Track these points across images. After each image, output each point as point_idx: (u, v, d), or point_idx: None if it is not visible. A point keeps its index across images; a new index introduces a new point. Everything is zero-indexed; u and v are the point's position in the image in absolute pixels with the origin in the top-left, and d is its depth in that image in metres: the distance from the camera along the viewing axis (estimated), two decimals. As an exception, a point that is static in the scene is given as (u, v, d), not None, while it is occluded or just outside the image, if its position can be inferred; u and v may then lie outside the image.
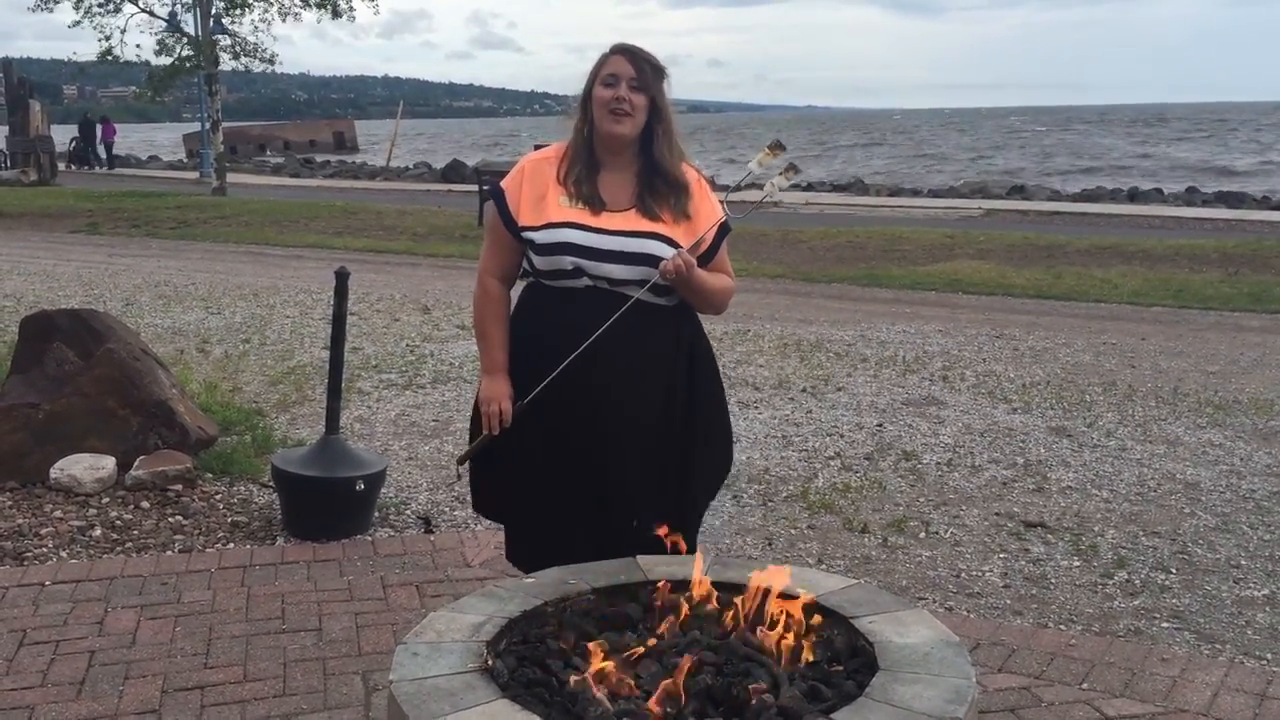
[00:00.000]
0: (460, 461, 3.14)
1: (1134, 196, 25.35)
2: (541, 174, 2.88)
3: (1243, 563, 4.40)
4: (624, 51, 2.83)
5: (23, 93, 30.85)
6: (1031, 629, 3.75)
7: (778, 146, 2.86)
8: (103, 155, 39.78)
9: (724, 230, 2.92)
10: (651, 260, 2.76)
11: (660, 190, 2.84)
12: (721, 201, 2.94)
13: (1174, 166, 41.58)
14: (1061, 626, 3.81)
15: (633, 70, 2.80)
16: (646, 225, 2.80)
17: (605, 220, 2.79)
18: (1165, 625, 3.84)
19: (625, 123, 2.80)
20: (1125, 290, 11.48)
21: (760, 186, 2.88)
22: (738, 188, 3.10)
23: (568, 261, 2.78)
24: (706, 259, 2.88)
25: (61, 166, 33.00)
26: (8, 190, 25.72)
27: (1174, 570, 4.32)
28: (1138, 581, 4.21)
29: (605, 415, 2.84)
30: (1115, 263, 13.37)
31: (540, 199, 2.84)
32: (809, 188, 28.92)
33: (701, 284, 2.83)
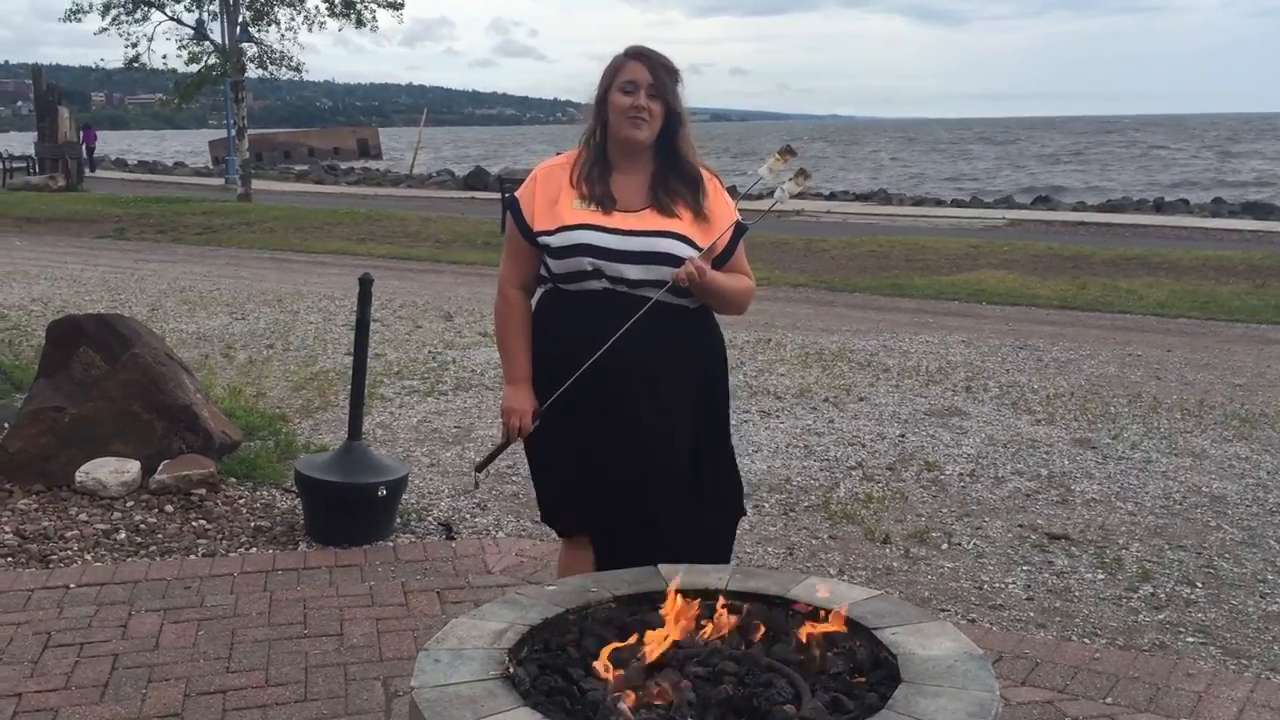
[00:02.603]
0: (478, 469, 3.15)
1: (1160, 207, 25.21)
2: (554, 179, 2.89)
3: (1269, 577, 4.35)
4: (640, 57, 2.84)
5: (52, 99, 31.17)
6: (1055, 642, 3.72)
7: (788, 152, 2.85)
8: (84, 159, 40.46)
9: (740, 231, 2.92)
10: (668, 259, 2.76)
11: (675, 188, 2.85)
12: (741, 211, 2.94)
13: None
14: (1085, 640, 3.77)
15: (650, 77, 2.81)
16: (662, 224, 2.80)
17: (620, 220, 2.80)
18: (1190, 640, 3.80)
19: (643, 129, 2.82)
20: (1151, 301, 11.40)
21: (772, 192, 2.88)
22: (749, 194, 3.10)
23: (585, 263, 2.79)
24: (723, 260, 2.88)
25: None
26: (36, 195, 25.98)
27: (1199, 584, 4.28)
28: (1163, 595, 4.17)
29: (629, 417, 2.85)
30: (1141, 274, 13.29)
31: (554, 203, 2.85)
32: (831, 196, 28.91)
33: (718, 287, 2.83)
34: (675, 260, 2.76)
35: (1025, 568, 4.43)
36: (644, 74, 2.81)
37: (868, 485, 5.43)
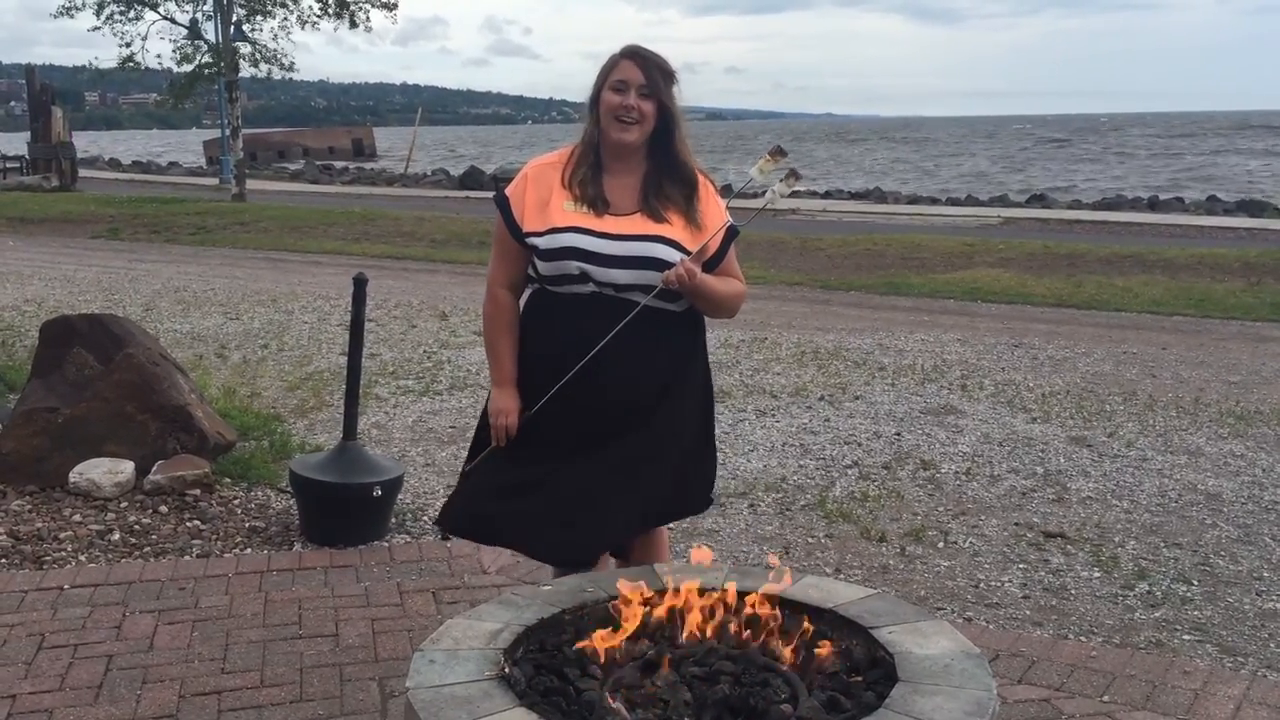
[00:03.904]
0: (467, 473, 3.13)
1: (1154, 205, 25.23)
2: (545, 179, 2.86)
3: (1265, 575, 4.35)
4: (633, 56, 2.82)
5: (45, 99, 31.08)
6: (1051, 640, 3.71)
7: (779, 153, 2.84)
8: None
9: (732, 234, 2.90)
10: (656, 264, 2.75)
11: (667, 193, 2.83)
12: (727, 208, 2.92)
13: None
14: (1082, 638, 3.77)
15: (642, 77, 2.78)
16: (652, 228, 2.78)
17: (610, 224, 2.78)
18: (1187, 638, 3.80)
19: (633, 130, 2.79)
20: (1146, 299, 11.41)
21: (763, 193, 2.87)
22: (739, 194, 3.09)
23: (573, 266, 2.77)
24: (714, 263, 2.85)
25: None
26: (30, 195, 25.93)
27: (1196, 582, 4.28)
28: (1159, 593, 4.17)
29: (614, 421, 2.83)
30: (1136, 271, 13.30)
31: (544, 204, 2.82)
32: (826, 195, 28.91)
33: (710, 290, 2.81)
34: (664, 265, 2.74)
35: (1021, 566, 4.43)
36: (636, 73, 2.79)
37: (864, 484, 5.43)
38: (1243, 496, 5.28)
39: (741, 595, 2.37)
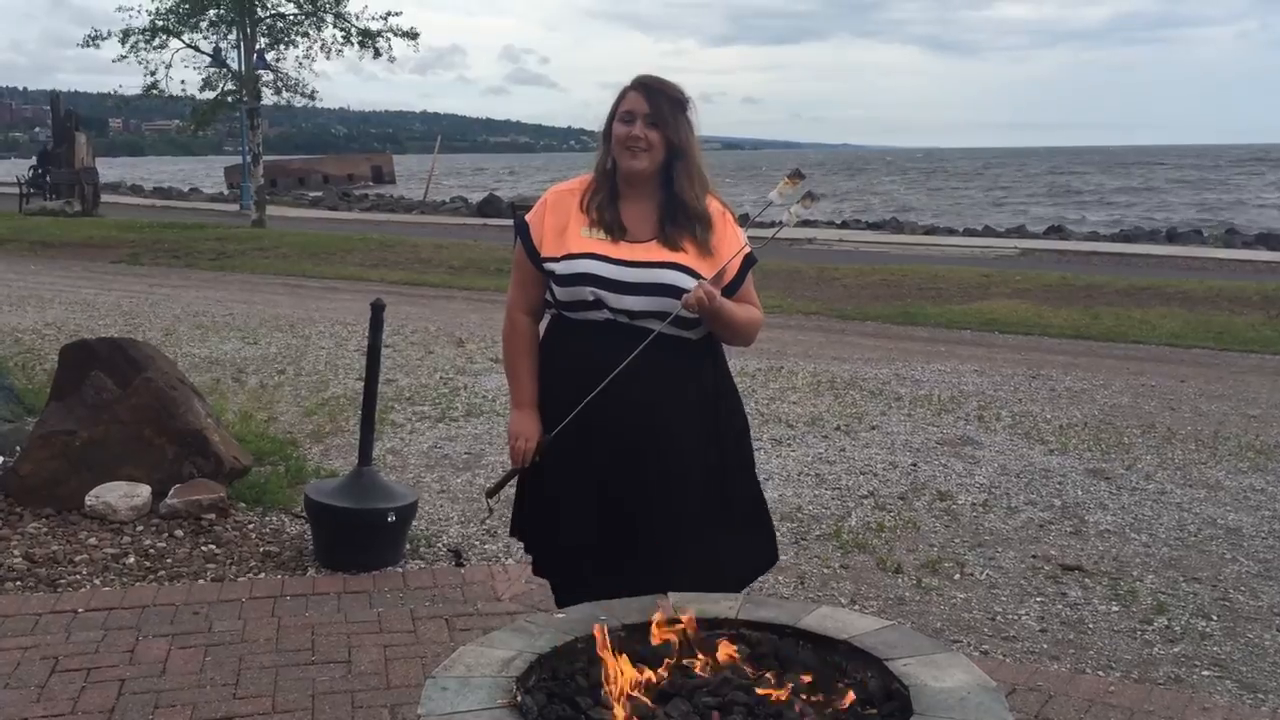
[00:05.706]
0: (489, 495, 3.14)
1: (1172, 237, 25.16)
2: (564, 205, 2.89)
3: (1286, 611, 4.31)
4: (640, 87, 2.84)
5: (69, 125, 31.44)
6: (1069, 675, 3.68)
7: (797, 175, 2.85)
8: None
9: (749, 261, 2.90)
10: (671, 291, 2.75)
11: (683, 221, 2.83)
12: (748, 234, 2.92)
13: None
14: (1100, 673, 3.74)
15: (647, 107, 2.81)
16: (668, 256, 2.78)
17: (626, 251, 2.78)
18: (1206, 673, 3.76)
19: (641, 158, 2.81)
20: (1164, 331, 11.36)
21: (780, 220, 2.87)
22: (760, 220, 3.09)
23: (588, 292, 2.78)
24: (732, 290, 2.85)
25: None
26: (52, 220, 26.14)
27: (1215, 617, 4.24)
28: (1178, 628, 4.13)
29: (629, 451, 2.82)
30: (1154, 304, 13.24)
31: (562, 230, 2.84)
32: (843, 225, 28.93)
33: (728, 314, 2.80)
34: (678, 292, 2.73)
35: (1038, 599, 4.39)
36: (641, 104, 2.81)
37: (879, 514, 5.40)
38: (1263, 531, 5.23)
39: (754, 625, 2.36)
